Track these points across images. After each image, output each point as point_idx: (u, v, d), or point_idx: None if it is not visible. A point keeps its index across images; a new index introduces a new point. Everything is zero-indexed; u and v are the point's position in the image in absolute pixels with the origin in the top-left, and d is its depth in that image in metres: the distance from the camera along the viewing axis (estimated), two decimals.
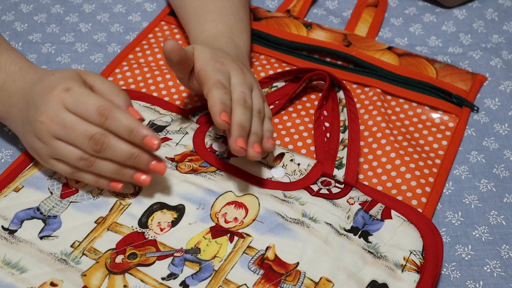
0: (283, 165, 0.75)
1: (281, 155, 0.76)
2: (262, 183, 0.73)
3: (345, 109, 0.79)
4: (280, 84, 0.86)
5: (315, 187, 0.73)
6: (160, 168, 0.67)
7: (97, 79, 0.69)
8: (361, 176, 0.77)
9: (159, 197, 0.71)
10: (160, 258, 0.66)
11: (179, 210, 0.70)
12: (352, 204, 0.71)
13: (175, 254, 0.66)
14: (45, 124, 0.65)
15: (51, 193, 0.71)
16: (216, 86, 0.68)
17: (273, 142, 0.71)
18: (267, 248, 0.67)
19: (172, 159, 0.74)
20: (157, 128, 0.78)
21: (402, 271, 0.66)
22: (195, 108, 0.83)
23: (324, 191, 0.72)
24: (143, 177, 0.68)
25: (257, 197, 0.71)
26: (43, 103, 0.66)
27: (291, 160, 0.76)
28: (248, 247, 0.67)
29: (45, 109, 0.65)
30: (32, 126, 0.67)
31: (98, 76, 0.70)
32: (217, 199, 0.71)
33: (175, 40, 0.68)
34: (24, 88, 0.70)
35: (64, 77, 0.67)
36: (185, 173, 0.73)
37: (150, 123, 0.78)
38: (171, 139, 0.77)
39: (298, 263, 0.66)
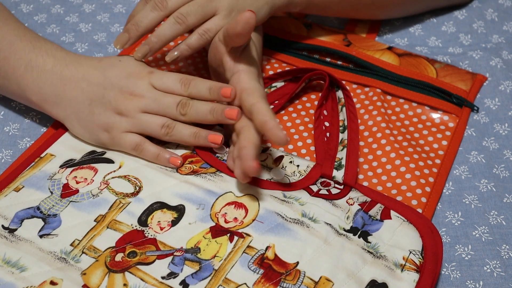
0: (282, 166, 0.75)
1: (280, 158, 0.76)
2: (261, 184, 0.73)
3: (344, 109, 0.79)
4: (279, 84, 0.86)
5: (314, 188, 0.73)
6: (233, 113, 0.72)
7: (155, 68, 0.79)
8: (361, 176, 0.77)
9: (159, 197, 0.71)
10: (160, 257, 0.66)
11: (179, 210, 0.70)
12: (351, 204, 0.71)
13: (175, 253, 0.66)
14: (134, 101, 0.73)
15: (51, 193, 0.71)
16: (267, 101, 0.71)
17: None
18: (267, 247, 0.67)
19: None
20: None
21: (402, 270, 0.66)
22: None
23: (323, 191, 0.72)
24: (217, 137, 0.74)
25: (257, 198, 0.71)
26: (130, 85, 0.74)
27: (290, 162, 0.76)
28: (248, 246, 0.67)
29: (133, 89, 0.74)
30: (115, 104, 0.74)
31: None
32: (217, 199, 0.71)
33: (254, 14, 0.69)
34: (85, 72, 0.76)
35: (137, 63, 0.76)
36: (186, 174, 0.73)
37: None
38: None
39: (298, 263, 0.66)
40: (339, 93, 0.82)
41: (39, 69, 0.76)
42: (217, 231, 0.68)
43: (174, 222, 0.69)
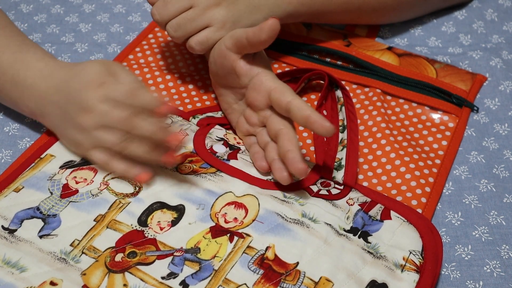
0: None
1: None
2: (262, 184, 0.73)
3: (343, 108, 0.79)
4: None
5: (314, 188, 0.73)
6: (176, 138, 0.68)
7: (122, 72, 0.72)
8: (360, 177, 0.77)
9: (159, 197, 0.71)
10: (160, 257, 0.66)
11: (179, 210, 0.70)
12: (351, 205, 0.71)
13: (175, 254, 0.66)
14: (87, 117, 0.70)
15: (51, 193, 0.71)
16: (299, 97, 0.70)
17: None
18: (267, 248, 0.67)
19: None
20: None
21: (402, 271, 0.66)
22: (196, 110, 0.83)
23: (323, 192, 0.72)
24: (172, 157, 0.70)
25: (257, 198, 0.71)
26: (83, 99, 0.70)
27: None
28: (248, 247, 0.67)
29: (85, 104, 0.70)
30: (75, 120, 0.71)
31: (122, 68, 0.72)
32: (217, 199, 0.71)
33: (278, 21, 0.70)
34: (56, 85, 0.73)
35: (95, 72, 0.71)
36: (186, 174, 0.73)
37: None
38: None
39: (297, 263, 0.66)
40: (338, 93, 0.82)
41: (21, 84, 0.75)
42: (217, 231, 0.68)
43: (174, 222, 0.69)
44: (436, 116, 0.84)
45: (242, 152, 0.76)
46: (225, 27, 0.78)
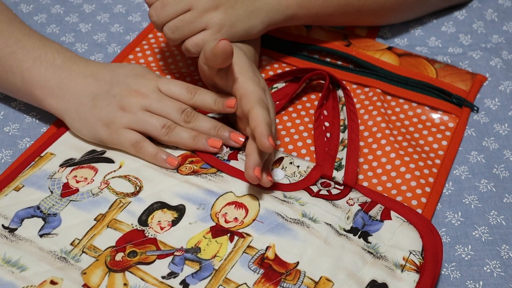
0: (283, 167, 0.75)
1: (281, 159, 0.76)
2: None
3: (344, 108, 0.79)
4: (280, 85, 0.86)
5: (314, 188, 0.73)
6: (237, 138, 0.75)
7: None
8: (361, 177, 0.77)
9: (159, 197, 0.71)
10: (160, 256, 0.66)
11: (180, 210, 0.70)
12: (351, 205, 0.71)
13: (175, 253, 0.66)
14: (138, 97, 0.75)
15: (52, 192, 0.71)
16: (261, 105, 0.70)
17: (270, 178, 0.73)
18: (267, 247, 0.67)
19: None
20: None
21: (402, 271, 0.66)
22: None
23: (323, 192, 0.72)
24: (217, 142, 0.75)
25: (257, 198, 0.71)
26: (138, 83, 0.75)
27: (291, 163, 0.76)
28: (248, 246, 0.67)
29: (140, 87, 0.75)
30: (118, 99, 0.74)
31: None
32: (217, 199, 0.71)
33: (229, 42, 0.69)
34: (91, 70, 0.77)
35: (145, 68, 0.79)
36: (186, 174, 0.73)
37: None
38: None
39: (298, 263, 0.66)
40: (339, 93, 0.82)
41: (48, 63, 0.77)
42: (217, 231, 0.68)
43: (175, 222, 0.69)
44: (436, 116, 0.84)
45: (242, 152, 0.76)
46: (222, 30, 0.78)
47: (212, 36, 0.78)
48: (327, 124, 0.80)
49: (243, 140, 0.75)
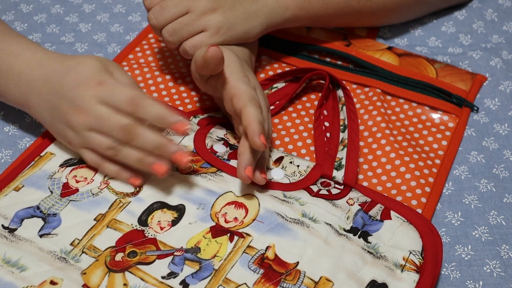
0: (283, 167, 0.75)
1: (280, 159, 0.76)
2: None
3: (344, 108, 0.79)
4: (280, 85, 0.86)
5: (314, 188, 0.73)
6: (180, 158, 0.67)
7: (117, 71, 0.72)
8: (360, 177, 0.77)
9: (159, 197, 0.71)
10: (160, 257, 0.66)
11: (179, 210, 0.70)
12: (351, 204, 0.71)
13: (175, 253, 0.66)
14: (80, 117, 0.69)
15: (51, 192, 0.71)
16: (253, 103, 0.69)
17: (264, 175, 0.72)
18: (267, 247, 0.67)
19: None
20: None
21: (402, 271, 0.66)
22: (196, 110, 0.83)
23: (323, 192, 0.72)
24: (162, 168, 0.68)
25: (257, 197, 0.71)
26: (78, 97, 0.69)
27: (290, 162, 0.76)
28: (248, 246, 0.67)
29: (80, 103, 0.69)
30: (65, 117, 0.70)
31: (118, 67, 0.72)
32: (217, 199, 0.71)
33: (219, 48, 0.69)
34: (45, 76, 0.72)
35: (92, 68, 0.70)
36: (186, 173, 0.73)
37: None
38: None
39: (298, 263, 0.66)
40: (339, 92, 0.82)
41: (6, 72, 0.74)
42: (217, 231, 0.68)
43: (174, 222, 0.69)
44: (436, 116, 0.84)
45: None
46: (220, 32, 0.78)
47: (211, 38, 0.78)
48: (327, 124, 0.80)
49: (186, 160, 0.68)
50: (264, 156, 0.73)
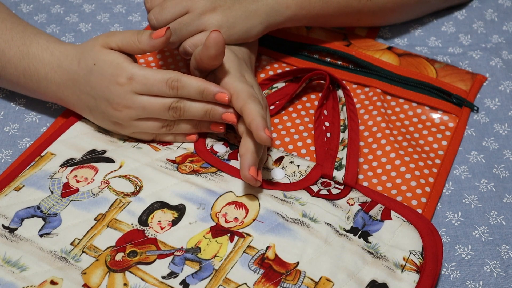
0: (283, 167, 0.75)
1: (281, 159, 0.76)
2: (262, 184, 0.73)
3: (344, 108, 0.79)
4: (280, 85, 0.86)
5: (315, 188, 0.73)
6: (231, 117, 0.72)
7: (118, 39, 0.73)
8: (361, 176, 0.77)
9: (159, 197, 0.71)
10: (160, 256, 0.66)
11: (180, 210, 0.70)
12: (352, 205, 0.71)
13: (175, 253, 0.66)
14: (123, 112, 0.73)
15: (52, 192, 0.71)
16: (253, 100, 0.70)
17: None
18: (267, 247, 0.67)
19: (173, 161, 0.74)
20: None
21: (402, 271, 0.66)
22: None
23: (324, 192, 0.72)
24: (219, 126, 0.75)
25: (257, 197, 0.71)
26: (114, 96, 0.72)
27: (291, 162, 0.76)
28: (248, 246, 0.67)
29: (118, 101, 0.72)
30: (108, 115, 0.74)
31: (122, 39, 0.73)
32: (217, 199, 0.71)
33: (220, 32, 0.70)
34: (71, 78, 0.75)
35: (111, 64, 0.72)
36: (186, 174, 0.73)
37: None
38: (172, 143, 0.77)
39: (298, 263, 0.66)
40: (340, 92, 0.82)
41: (35, 77, 0.77)
42: (217, 231, 0.68)
43: (175, 222, 0.69)
44: (436, 116, 0.84)
45: None
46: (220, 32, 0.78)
47: None
48: (327, 124, 0.80)
49: (236, 118, 0.73)
50: (262, 158, 0.73)
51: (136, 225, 0.68)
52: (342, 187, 0.73)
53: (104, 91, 0.72)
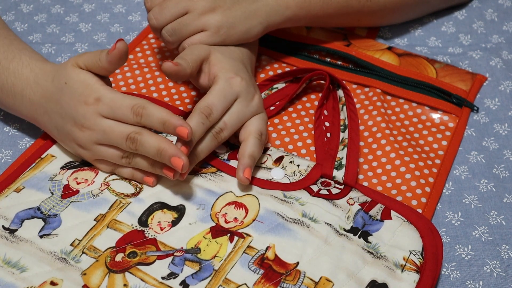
0: (283, 166, 0.75)
1: (281, 158, 0.76)
2: (262, 183, 0.73)
3: (344, 108, 0.79)
4: (280, 85, 0.86)
5: (315, 188, 0.73)
6: (179, 163, 0.67)
7: (85, 58, 0.71)
8: (361, 176, 0.77)
9: (159, 197, 0.71)
10: (160, 257, 0.66)
11: (180, 210, 0.70)
12: (351, 204, 0.71)
13: (175, 254, 0.66)
14: (86, 133, 0.70)
15: (52, 193, 0.71)
16: (199, 113, 0.70)
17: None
18: (267, 248, 0.67)
19: None
20: (157, 130, 0.78)
21: (402, 271, 0.66)
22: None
23: (324, 191, 0.72)
24: (171, 171, 0.69)
25: (257, 197, 0.71)
26: (79, 116, 0.69)
27: (291, 162, 0.76)
28: (248, 247, 0.67)
29: (83, 121, 0.69)
30: (72, 136, 0.71)
31: (84, 55, 0.71)
32: (217, 199, 0.71)
33: (171, 63, 0.70)
34: (45, 96, 0.73)
35: (80, 85, 0.70)
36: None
37: None
38: (171, 141, 0.77)
39: (298, 263, 0.66)
40: (340, 92, 0.82)
41: (12, 92, 0.75)
42: (217, 231, 0.68)
43: (175, 222, 0.69)
44: (436, 116, 0.84)
45: None
46: (220, 32, 0.78)
47: (210, 38, 0.78)
48: (327, 124, 0.80)
49: (182, 166, 0.66)
50: (255, 156, 0.73)
51: (136, 226, 0.68)
52: (342, 186, 0.73)
53: (72, 110, 0.70)
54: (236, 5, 0.79)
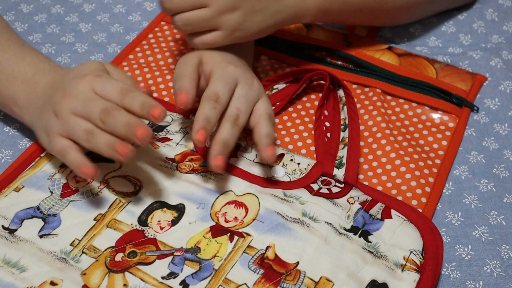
0: (283, 164, 0.75)
1: (281, 156, 0.76)
2: (262, 182, 0.73)
3: (345, 107, 0.79)
4: (280, 86, 0.86)
5: (315, 186, 0.73)
6: (142, 132, 0.64)
7: (117, 71, 0.73)
8: (361, 176, 0.77)
9: (159, 196, 0.71)
10: (160, 257, 0.66)
11: (179, 210, 0.70)
12: (352, 203, 0.71)
13: (175, 253, 0.66)
14: (67, 100, 0.68)
15: (51, 192, 0.71)
16: (207, 100, 0.70)
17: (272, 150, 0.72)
18: (267, 247, 0.67)
19: (172, 160, 0.74)
20: (157, 128, 0.78)
21: (402, 270, 0.66)
22: (196, 108, 0.83)
23: (324, 190, 0.72)
24: (124, 149, 0.65)
25: (257, 197, 0.71)
26: (72, 86, 0.69)
27: (291, 160, 0.76)
28: (248, 246, 0.67)
29: (72, 90, 0.68)
30: (53, 103, 0.69)
31: (118, 70, 0.73)
32: (217, 198, 0.71)
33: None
34: (53, 78, 0.73)
35: (93, 66, 0.71)
36: (186, 173, 0.73)
37: (150, 122, 0.79)
38: (171, 139, 0.77)
39: (298, 263, 0.66)
40: (340, 92, 0.82)
41: (20, 78, 0.75)
42: (217, 230, 0.68)
43: (174, 222, 0.69)
44: (436, 116, 0.84)
45: (242, 149, 0.76)
46: (234, 35, 0.76)
47: (223, 40, 0.76)
48: (327, 124, 0.80)
49: (147, 137, 0.65)
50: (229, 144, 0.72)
51: (135, 225, 0.68)
52: (342, 185, 0.73)
53: (70, 82, 0.69)
54: (256, 7, 0.76)
